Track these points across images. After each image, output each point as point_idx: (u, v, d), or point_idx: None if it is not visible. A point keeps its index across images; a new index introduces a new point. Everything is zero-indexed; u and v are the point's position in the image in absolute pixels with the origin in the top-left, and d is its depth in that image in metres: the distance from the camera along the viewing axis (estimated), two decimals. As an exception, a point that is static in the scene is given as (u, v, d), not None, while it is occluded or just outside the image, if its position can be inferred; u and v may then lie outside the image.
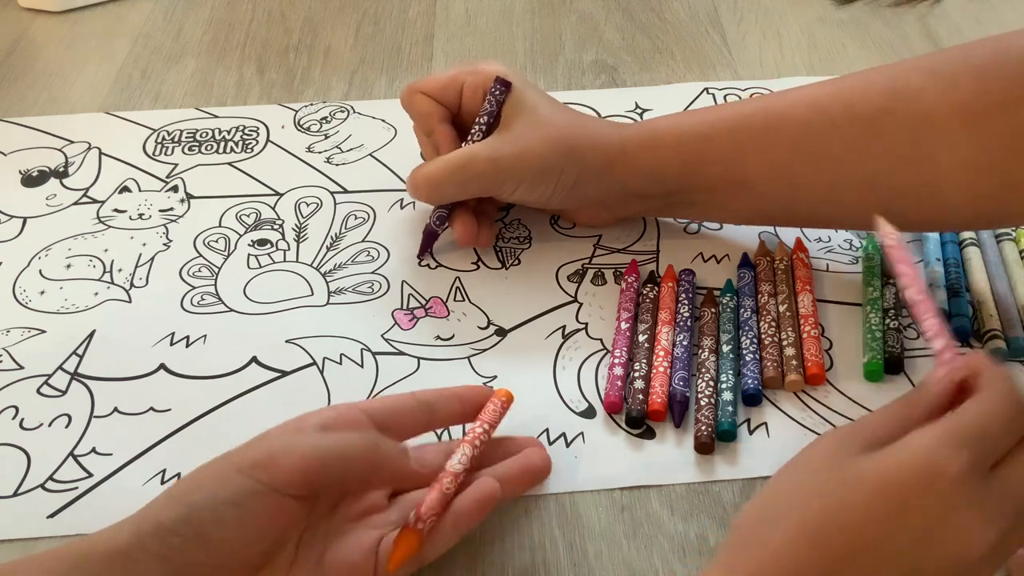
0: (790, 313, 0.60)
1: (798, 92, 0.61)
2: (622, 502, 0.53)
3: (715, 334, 0.60)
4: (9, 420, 0.57)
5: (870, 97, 0.58)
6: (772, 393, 0.57)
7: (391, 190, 0.72)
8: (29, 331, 0.62)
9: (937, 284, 0.62)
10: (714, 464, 0.54)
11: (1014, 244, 0.65)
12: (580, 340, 0.61)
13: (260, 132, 0.78)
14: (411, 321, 0.62)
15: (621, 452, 0.55)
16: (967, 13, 0.89)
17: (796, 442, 0.55)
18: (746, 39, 0.88)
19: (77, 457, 0.55)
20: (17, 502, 0.53)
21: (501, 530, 0.51)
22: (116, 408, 0.58)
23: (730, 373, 0.57)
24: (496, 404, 0.52)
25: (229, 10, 0.93)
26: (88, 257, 0.67)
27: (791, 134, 0.59)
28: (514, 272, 0.66)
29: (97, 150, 0.76)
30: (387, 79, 0.84)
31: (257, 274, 0.66)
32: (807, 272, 0.63)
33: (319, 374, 0.59)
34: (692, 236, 0.68)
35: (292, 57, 0.86)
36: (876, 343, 0.59)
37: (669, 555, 0.50)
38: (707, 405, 0.55)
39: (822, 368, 0.57)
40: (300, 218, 0.70)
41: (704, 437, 0.54)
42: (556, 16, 0.91)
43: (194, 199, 0.72)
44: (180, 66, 0.86)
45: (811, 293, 0.61)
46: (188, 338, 0.62)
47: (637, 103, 0.80)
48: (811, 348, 0.58)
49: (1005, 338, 0.59)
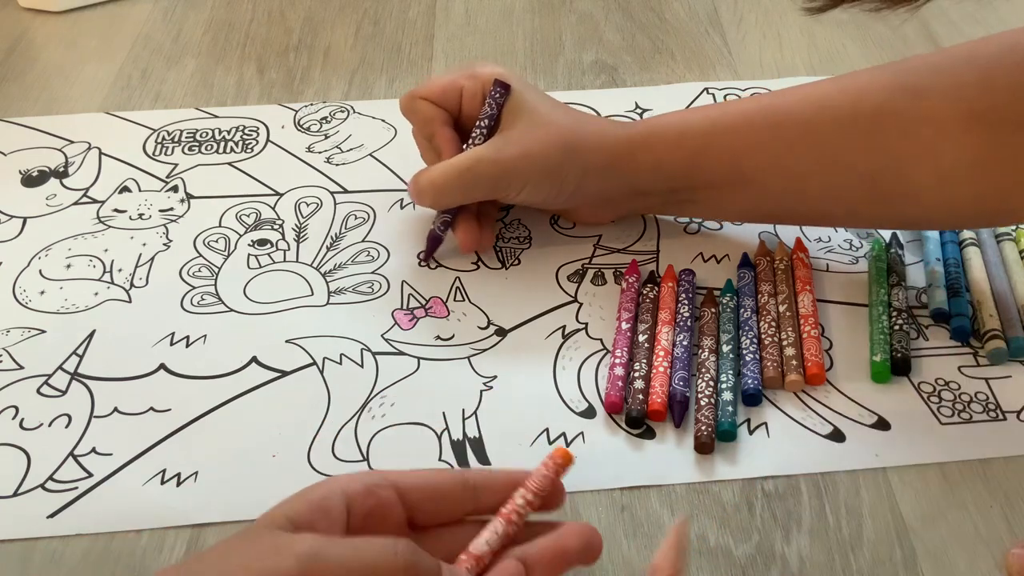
0: (790, 313, 0.60)
1: (802, 89, 0.61)
2: (622, 502, 0.53)
3: (715, 334, 0.60)
4: (9, 420, 0.57)
5: (874, 95, 0.58)
6: (772, 393, 0.57)
7: (391, 190, 0.72)
8: (29, 331, 0.62)
9: (937, 284, 0.62)
10: (714, 464, 0.54)
11: (1014, 244, 0.65)
12: (580, 340, 0.61)
13: (260, 132, 0.78)
14: (411, 321, 0.62)
15: (621, 452, 0.55)
16: (967, 13, 0.89)
17: (796, 442, 0.55)
18: (746, 39, 0.88)
19: (77, 457, 0.55)
20: (17, 502, 0.53)
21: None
22: (116, 408, 0.58)
23: (730, 373, 0.57)
24: (548, 466, 0.45)
25: (229, 10, 0.93)
26: (88, 257, 0.67)
27: (794, 131, 0.59)
28: (514, 272, 0.66)
29: (97, 150, 0.76)
30: (387, 79, 0.84)
31: (257, 274, 0.66)
32: (807, 272, 0.63)
33: (319, 374, 0.59)
34: (692, 236, 0.68)
35: (292, 57, 0.86)
36: (885, 344, 0.59)
37: (669, 555, 0.50)
38: (707, 405, 0.55)
39: (822, 368, 0.57)
40: (300, 218, 0.70)
41: (704, 437, 0.54)
42: (556, 16, 0.91)
43: (194, 199, 0.72)
44: (180, 66, 0.86)
45: (811, 293, 0.61)
46: (188, 338, 0.62)
47: (637, 103, 0.80)
48: (811, 348, 0.58)
49: (1005, 338, 0.59)
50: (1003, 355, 0.59)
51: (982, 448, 0.54)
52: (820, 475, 0.53)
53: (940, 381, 0.58)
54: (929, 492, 0.53)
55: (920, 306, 0.62)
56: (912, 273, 0.65)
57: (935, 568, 0.49)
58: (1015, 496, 0.52)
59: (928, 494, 0.52)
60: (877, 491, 0.53)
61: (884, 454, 0.54)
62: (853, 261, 0.65)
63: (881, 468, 0.54)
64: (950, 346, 0.60)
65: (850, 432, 0.55)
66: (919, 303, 0.63)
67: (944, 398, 0.57)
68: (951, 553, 0.50)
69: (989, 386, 0.58)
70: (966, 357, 0.59)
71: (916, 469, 0.54)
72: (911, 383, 0.58)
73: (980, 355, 0.59)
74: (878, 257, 0.64)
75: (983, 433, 0.55)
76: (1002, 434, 0.55)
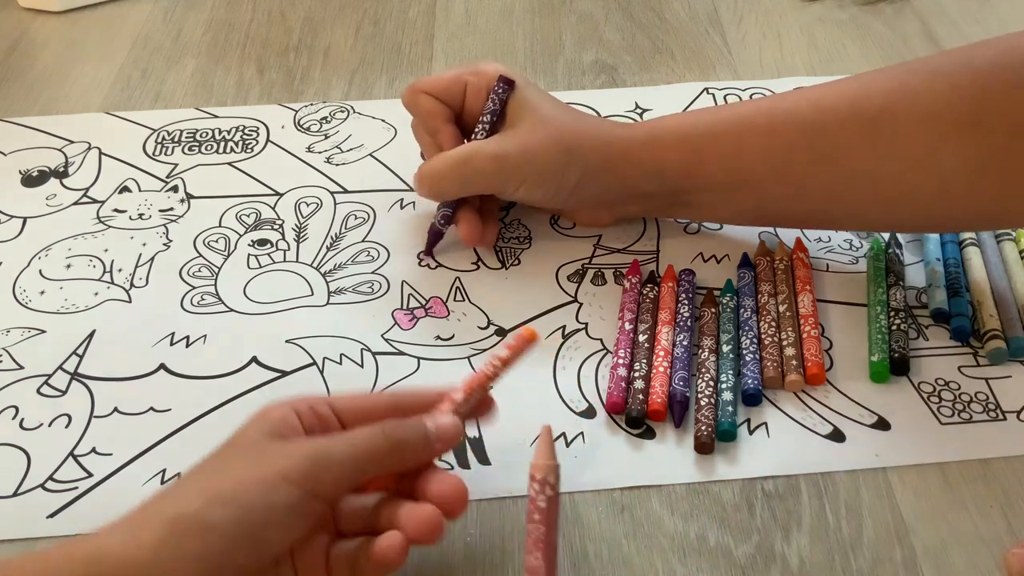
0: (790, 313, 0.60)
1: (802, 92, 0.61)
2: (622, 502, 0.53)
3: (715, 334, 0.60)
4: (9, 420, 0.57)
5: (874, 98, 0.58)
6: (772, 393, 0.57)
7: (391, 190, 0.72)
8: (29, 331, 0.62)
9: (937, 284, 0.62)
10: (714, 464, 0.54)
11: (1014, 244, 0.65)
12: (580, 340, 0.61)
13: (260, 132, 0.78)
14: (411, 321, 0.62)
15: (621, 452, 0.55)
16: (967, 12, 0.89)
17: (796, 442, 0.55)
18: (746, 39, 0.88)
19: (77, 457, 0.55)
20: (17, 502, 0.53)
21: (501, 530, 0.51)
22: (116, 408, 0.58)
23: (730, 373, 0.57)
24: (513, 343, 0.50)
25: (229, 10, 0.93)
26: (88, 257, 0.67)
27: (794, 134, 0.59)
28: (514, 272, 0.66)
29: (97, 150, 0.76)
30: (387, 79, 0.84)
31: (257, 274, 0.66)
32: (807, 272, 0.63)
33: (319, 374, 0.59)
34: (692, 236, 0.68)
35: (292, 57, 0.86)
36: (883, 344, 0.59)
37: (669, 555, 0.50)
38: (707, 405, 0.55)
39: (822, 368, 0.57)
40: (300, 218, 0.70)
41: (704, 437, 0.54)
42: (556, 16, 0.91)
43: (194, 199, 0.72)
44: (180, 66, 0.86)
45: (811, 293, 0.61)
46: (188, 338, 0.62)
47: (637, 103, 0.80)
48: (811, 348, 0.58)
49: (1005, 338, 0.59)
50: (1003, 355, 0.59)
51: (982, 448, 0.54)
52: (820, 475, 0.53)
53: (940, 381, 0.58)
54: (929, 492, 0.53)
55: (920, 306, 0.62)
56: (912, 273, 0.65)
57: (935, 568, 0.49)
58: (1015, 496, 0.52)
59: (928, 494, 0.52)
60: (877, 491, 0.53)
61: (884, 454, 0.54)
62: (853, 261, 0.65)
63: (881, 468, 0.54)
64: (950, 346, 0.60)
65: (850, 432, 0.55)
66: (919, 303, 0.63)
67: (944, 398, 0.57)
68: (951, 553, 0.50)
69: (989, 386, 0.58)
70: (966, 357, 0.59)
71: (916, 469, 0.54)
72: (911, 383, 0.58)
73: (980, 355, 0.59)
74: (876, 257, 0.64)
75: (983, 433, 0.55)
76: (1002, 434, 0.55)
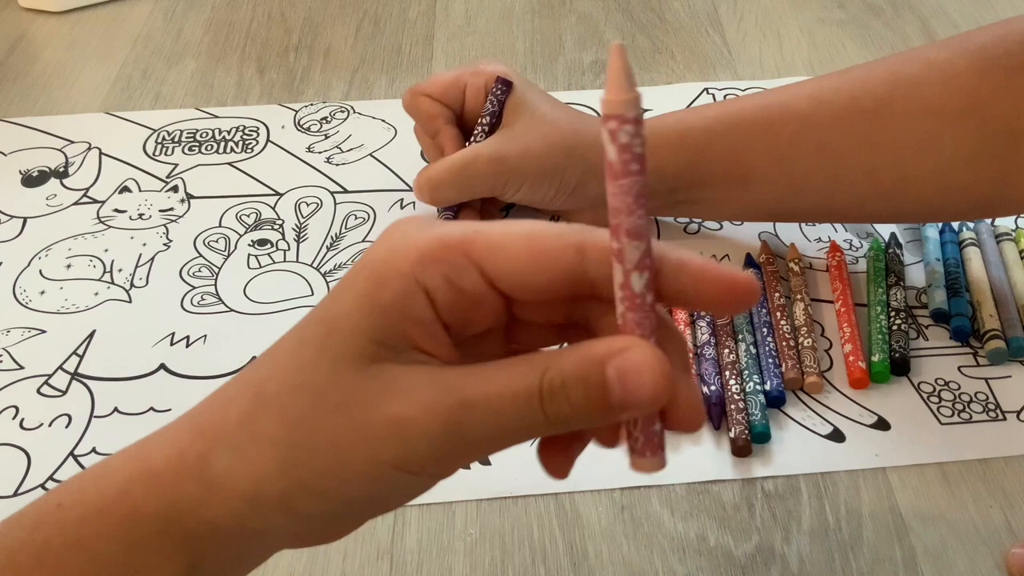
0: (806, 315, 0.60)
1: (800, 86, 0.61)
2: (622, 502, 0.53)
3: (732, 335, 0.59)
4: (9, 420, 0.57)
5: (871, 89, 0.58)
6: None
7: (391, 190, 0.72)
8: (29, 331, 0.62)
9: (937, 284, 0.62)
10: (714, 464, 0.54)
11: (1014, 244, 0.65)
12: (580, 340, 0.61)
13: (260, 132, 0.78)
14: (411, 321, 0.62)
15: (621, 452, 0.55)
16: (967, 12, 0.89)
17: (796, 442, 0.55)
18: (746, 39, 0.88)
19: (77, 457, 0.55)
20: (17, 502, 0.53)
21: (501, 530, 0.51)
22: (116, 408, 0.58)
23: (754, 375, 0.57)
24: None
25: (229, 10, 0.93)
26: (88, 257, 0.67)
27: (793, 128, 0.59)
28: (514, 272, 0.66)
29: (97, 150, 0.76)
30: (387, 79, 0.84)
31: (257, 274, 0.66)
32: (839, 273, 0.63)
33: (319, 374, 0.59)
34: (692, 236, 0.68)
35: (292, 57, 0.86)
36: (883, 344, 0.59)
37: (669, 555, 0.50)
38: (739, 408, 0.55)
39: (865, 373, 0.57)
40: (300, 218, 0.70)
41: (741, 440, 0.54)
42: (556, 16, 0.91)
43: (194, 199, 0.72)
44: (180, 66, 0.86)
45: (845, 295, 0.61)
46: (188, 338, 0.62)
47: (637, 103, 0.80)
48: (852, 350, 0.59)
49: (1005, 338, 0.59)
50: (1003, 355, 0.59)
51: (982, 448, 0.54)
52: (820, 475, 0.53)
53: (940, 381, 0.58)
54: (929, 492, 0.53)
55: (920, 306, 0.62)
56: (912, 273, 0.65)
57: (935, 568, 0.49)
58: (1015, 496, 0.52)
59: (928, 494, 0.52)
60: (877, 491, 0.53)
61: (884, 454, 0.54)
62: (853, 261, 0.65)
63: (881, 468, 0.54)
64: (950, 346, 0.60)
65: (850, 432, 0.55)
66: (919, 303, 0.63)
67: (944, 398, 0.57)
68: (951, 553, 0.50)
69: (989, 386, 0.58)
70: (966, 357, 0.59)
71: (916, 469, 0.54)
72: (911, 383, 0.58)
73: (980, 355, 0.59)
74: (876, 257, 0.64)
75: (983, 433, 0.55)
76: (1002, 434, 0.55)
